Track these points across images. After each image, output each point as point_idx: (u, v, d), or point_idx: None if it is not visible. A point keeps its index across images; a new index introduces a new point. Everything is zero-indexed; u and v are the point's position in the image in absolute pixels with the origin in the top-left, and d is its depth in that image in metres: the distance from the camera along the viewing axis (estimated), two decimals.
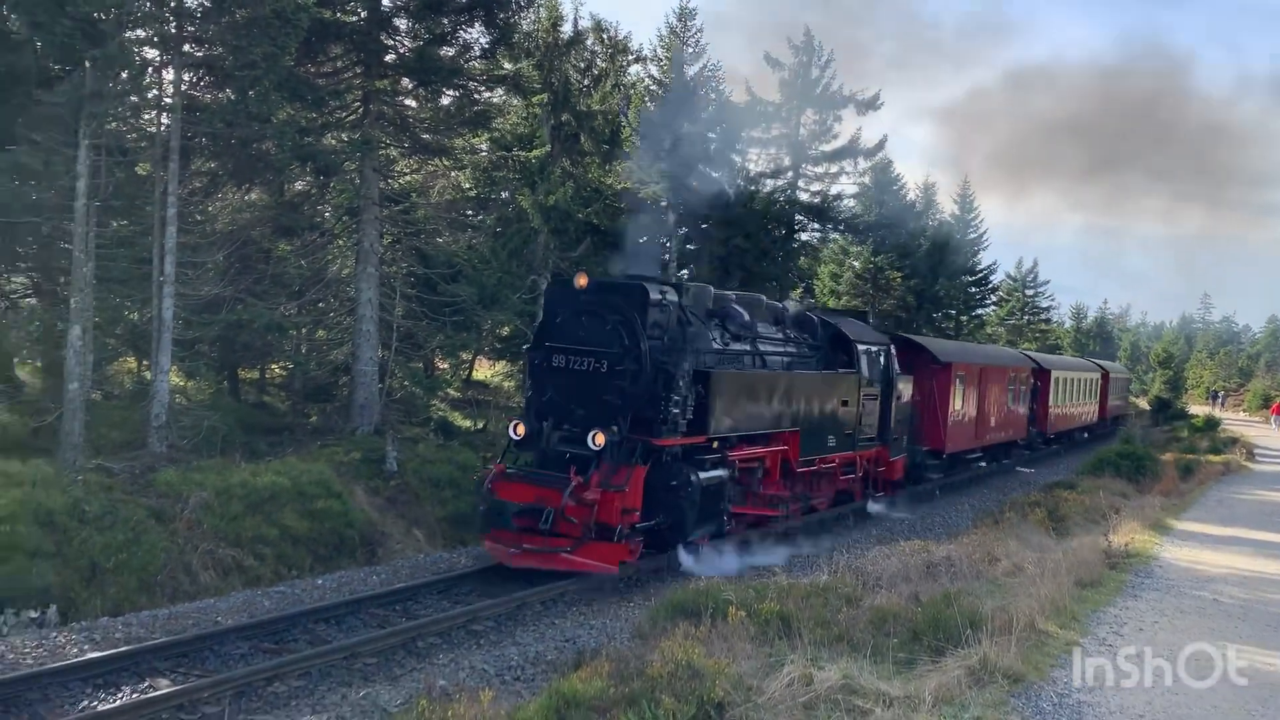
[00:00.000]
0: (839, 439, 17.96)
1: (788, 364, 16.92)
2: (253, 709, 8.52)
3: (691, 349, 13.86)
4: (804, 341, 18.02)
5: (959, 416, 24.47)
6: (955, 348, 27.58)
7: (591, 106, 28.35)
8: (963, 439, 25.28)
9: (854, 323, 20.24)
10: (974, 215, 54.83)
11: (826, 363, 18.21)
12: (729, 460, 14.47)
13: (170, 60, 17.26)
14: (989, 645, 8.67)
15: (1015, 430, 30.33)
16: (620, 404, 13.16)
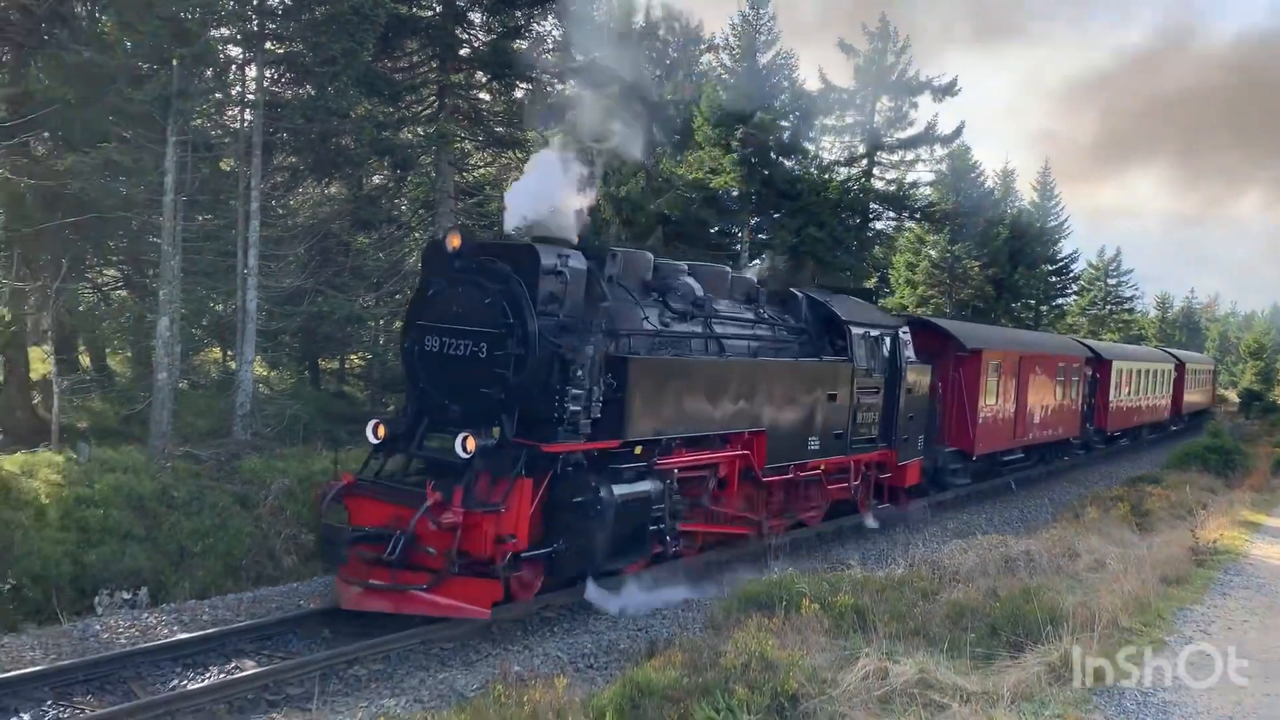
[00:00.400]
0: (825, 441, 14.96)
1: (755, 350, 13.89)
2: (334, 691, 8.72)
3: (604, 329, 11.01)
4: (783, 324, 15.00)
5: (993, 412, 21.35)
6: (987, 333, 24.38)
7: (664, 97, 28.31)
8: (997, 438, 21.99)
9: (851, 302, 17.49)
10: (1055, 202, 53.54)
11: (813, 349, 15.16)
12: (660, 469, 11.67)
13: (253, 57, 17.69)
14: (1071, 641, 8.49)
15: (1067, 427, 26.72)
16: (502, 399, 10.51)
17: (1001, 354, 21.95)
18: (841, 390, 15.30)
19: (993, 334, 24.77)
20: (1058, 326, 51.04)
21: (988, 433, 21.14)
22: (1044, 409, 24.57)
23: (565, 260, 11.07)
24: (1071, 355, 27.16)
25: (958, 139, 38.05)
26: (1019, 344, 24.51)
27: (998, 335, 24.99)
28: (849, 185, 34.76)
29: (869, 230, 36.06)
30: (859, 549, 15.84)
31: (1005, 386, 21.96)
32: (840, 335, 15.63)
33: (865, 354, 15.94)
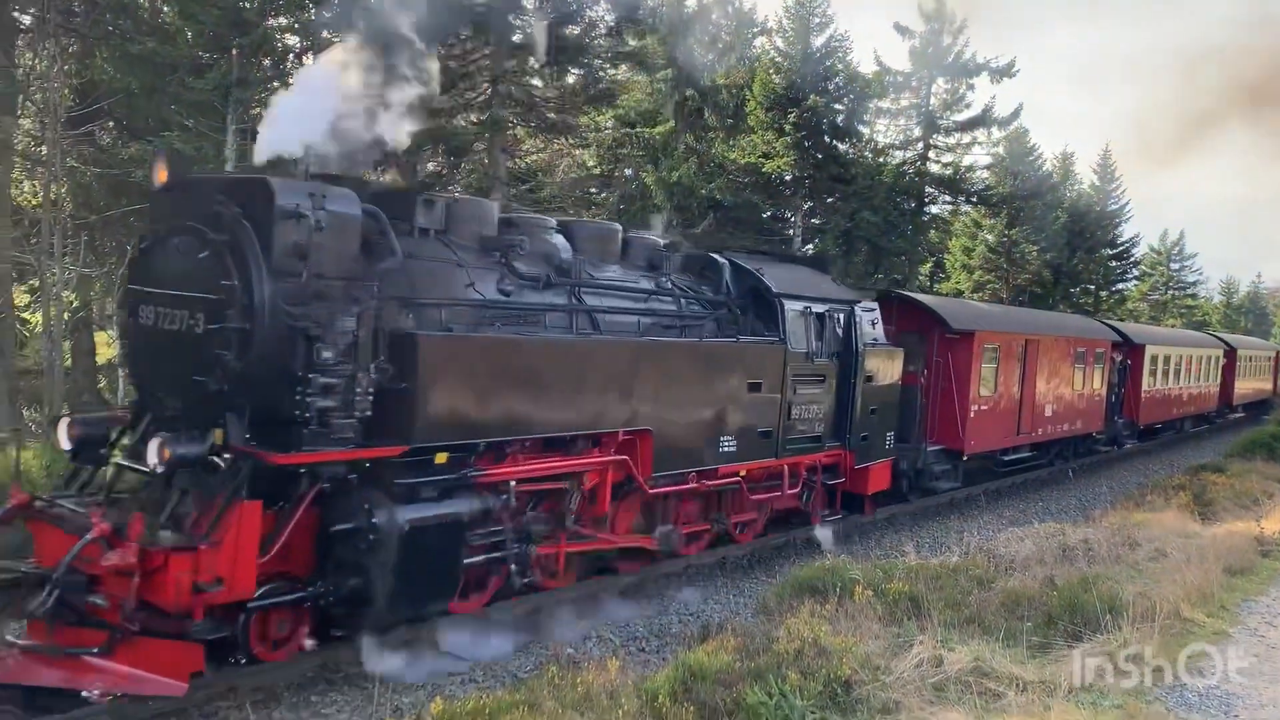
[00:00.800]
0: (746, 441, 12.01)
1: (649, 328, 11.05)
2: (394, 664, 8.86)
3: (385, 297, 8.25)
4: (695, 296, 12.14)
5: (989, 404, 18.55)
6: (983, 311, 21.68)
7: (716, 81, 28.16)
8: (995, 433, 19.07)
9: (790, 270, 14.05)
10: (1115, 186, 52.46)
11: (735, 328, 12.39)
12: (486, 482, 9.01)
13: (309, 45, 17.91)
14: (1130, 632, 8.37)
15: (1088, 420, 23.55)
16: (224, 390, 7.63)
17: (1000, 336, 19.05)
18: (769, 379, 12.29)
19: (989, 313, 21.88)
20: (1118, 312, 50.08)
21: (982, 428, 18.33)
22: (1058, 400, 21.63)
23: (319, 201, 7.81)
24: (1094, 338, 24.18)
25: (1015, 121, 37.41)
26: (1023, 324, 21.40)
27: (996, 314, 22.07)
28: (904, 169, 34.42)
29: (924, 214, 35.64)
30: (913, 536, 15.71)
31: (1006, 374, 19.11)
32: (771, 311, 12.62)
33: (805, 334, 13.04)
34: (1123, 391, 26.29)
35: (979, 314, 20.25)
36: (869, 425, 14.47)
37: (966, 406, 17.64)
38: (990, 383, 18.61)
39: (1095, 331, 25.15)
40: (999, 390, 18.87)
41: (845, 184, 30.00)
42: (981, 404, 18.22)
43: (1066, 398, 22.12)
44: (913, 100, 35.90)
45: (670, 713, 6.75)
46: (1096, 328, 25.93)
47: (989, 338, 18.53)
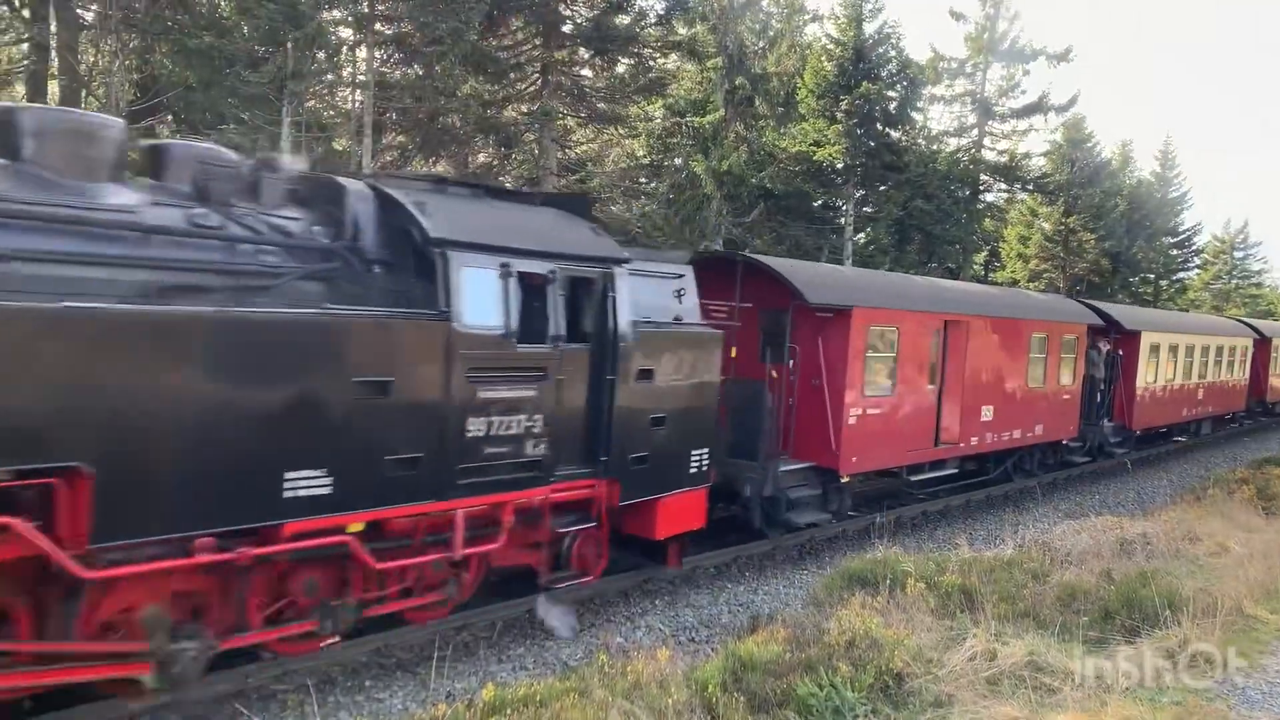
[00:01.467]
0: (358, 476, 7.49)
1: (142, 288, 6.63)
2: (443, 657, 8.96)
3: None
4: (285, 239, 7.81)
5: (881, 406, 13.83)
6: (868, 282, 15.72)
7: (767, 69, 28.00)
8: (892, 446, 14.32)
9: (494, 209, 9.30)
10: (1176, 173, 51.32)
11: (360, 290, 7.90)
12: None
13: (363, 39, 18.10)
14: (1190, 628, 8.21)
15: (1054, 425, 18.76)
16: None
17: (898, 315, 14.13)
18: (412, 374, 7.83)
19: (880, 283, 16.02)
20: (1177, 302, 49.02)
21: (870, 438, 13.61)
22: (1005, 400, 16.89)
23: None
24: (1061, 321, 19.14)
25: (1072, 108, 36.81)
26: (940, 301, 15.96)
27: (890, 285, 15.96)
28: (958, 156, 33.98)
29: (979, 202, 35.17)
30: (966, 529, 15.53)
31: (911, 366, 14.53)
32: (429, 266, 8.07)
33: (500, 306, 8.37)
34: (1112, 389, 21.58)
35: (860, 284, 14.81)
36: (648, 441, 9.89)
37: (843, 410, 12.97)
38: (883, 377, 13.96)
39: (1064, 312, 20.05)
40: (899, 388, 14.12)
41: (898, 172, 29.66)
42: (868, 407, 13.44)
43: (1019, 397, 17.25)
44: (967, 86, 35.44)
45: (720, 702, 6.75)
46: (1067, 307, 20.96)
47: (877, 317, 13.68)
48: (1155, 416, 23.59)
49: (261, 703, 7.64)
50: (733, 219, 26.93)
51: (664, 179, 28.47)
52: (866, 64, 28.84)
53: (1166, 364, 23.75)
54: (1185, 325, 26.95)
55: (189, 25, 17.38)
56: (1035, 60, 34.83)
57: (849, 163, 29.11)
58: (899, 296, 14.88)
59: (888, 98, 29.47)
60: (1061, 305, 21.11)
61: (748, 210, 27.18)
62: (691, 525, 10.88)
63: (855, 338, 13.08)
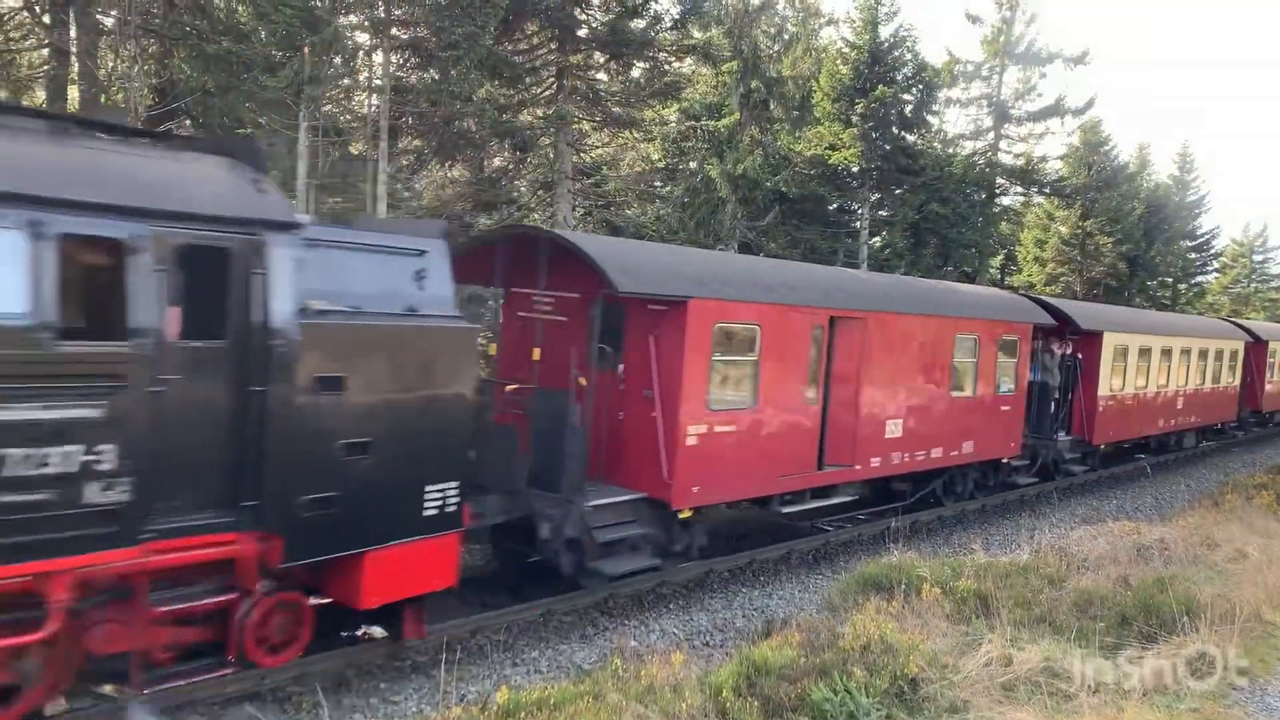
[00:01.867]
0: None
1: None
2: (456, 659, 8.98)
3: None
4: None
5: (737, 422, 11.29)
6: (712, 268, 11.93)
7: (782, 72, 27.98)
8: (755, 471, 11.69)
9: (31, 142, 6.13)
10: (1195, 176, 51.02)
11: None
12: None
13: (379, 43, 18.16)
14: (1208, 634, 8.15)
15: (989, 441, 16.17)
16: None
17: (759, 310, 11.44)
18: None
19: (735, 268, 12.45)
20: (1196, 306, 48.69)
21: (718, 465, 10.95)
22: (921, 413, 14.36)
23: None
24: (998, 319, 16.28)
25: (1089, 111, 36.67)
26: (824, 292, 12.97)
27: (754, 270, 12.66)
28: (974, 159, 33.86)
29: (995, 206, 35.03)
30: (983, 534, 15.47)
31: (780, 373, 11.80)
32: None
33: (27, 282, 5.70)
34: (1069, 399, 19.03)
35: (704, 269, 11.50)
36: (337, 476, 7.29)
37: (678, 428, 10.40)
38: (738, 387, 11.44)
39: (1002, 308, 17.04)
40: (763, 400, 11.53)
41: (914, 175, 29.57)
42: (716, 423, 10.87)
43: (940, 409, 14.83)
44: (983, 90, 35.35)
45: (734, 707, 6.74)
46: (1008, 303, 17.87)
47: (728, 311, 11.01)
48: (1122, 429, 20.82)
49: (276, 704, 7.68)
50: (747, 222, 26.90)
51: (679, 182, 28.44)
52: (882, 67, 28.77)
53: (1137, 368, 20.98)
54: (1160, 325, 23.87)
55: (207, 30, 17.47)
56: (1052, 63, 34.72)
57: (864, 166, 29.04)
58: (758, 285, 11.76)
59: (903, 101, 29.39)
60: (1001, 301, 17.93)
61: (763, 214, 27.14)
62: (431, 585, 8.21)
63: (694, 337, 10.42)
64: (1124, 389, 20.50)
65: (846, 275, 16.05)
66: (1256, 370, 28.75)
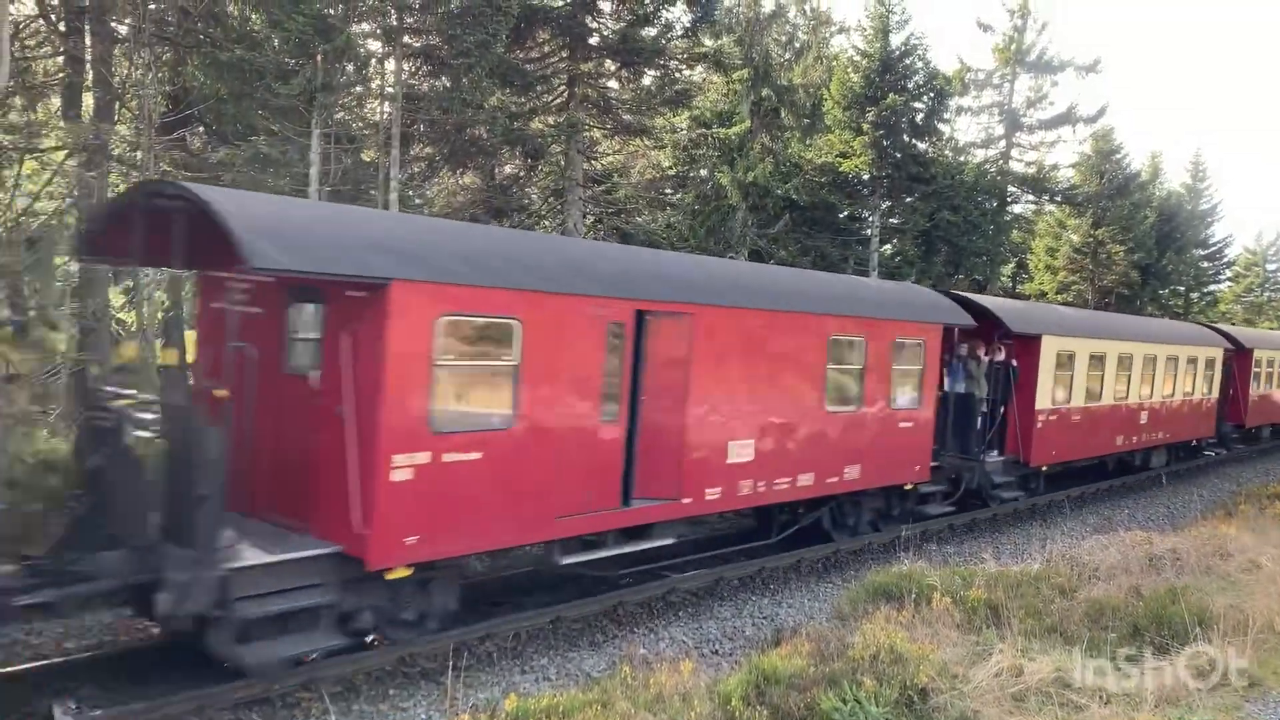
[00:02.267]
0: None
1: None
2: (466, 666, 8.98)
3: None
4: None
5: (488, 451, 8.63)
6: (454, 238, 9.30)
7: (793, 80, 28.00)
8: (515, 515, 8.98)
9: None
10: (1207, 185, 50.86)
11: None
12: None
13: (391, 51, 18.23)
14: (1221, 645, 8.10)
15: (889, 465, 13.70)
16: None
17: (516, 299, 8.86)
18: None
19: (479, 243, 9.45)
20: (1210, 314, 48.48)
21: (452, 506, 8.34)
22: (774, 432, 11.64)
23: None
24: (889, 319, 13.53)
25: (1101, 119, 36.64)
26: (627, 279, 10.24)
27: (514, 246, 10.01)
28: (985, 167, 33.84)
29: (1006, 214, 34.98)
30: (993, 543, 15.40)
31: (553, 382, 9.19)
32: None
33: None
34: (1002, 411, 16.42)
35: (419, 241, 8.61)
36: None
37: (377, 459, 7.75)
38: (483, 401, 8.91)
39: (901, 305, 14.24)
40: (524, 419, 8.87)
41: (925, 183, 29.55)
42: (444, 451, 8.19)
43: (809, 427, 12.10)
44: (995, 98, 35.34)
45: (743, 716, 6.73)
46: (910, 298, 15.00)
47: (461, 299, 8.36)
48: (1067, 447, 18.03)
49: (286, 710, 7.69)
50: (758, 230, 26.91)
51: (689, 190, 28.48)
52: (893, 75, 28.77)
53: (1087, 378, 18.34)
54: (1118, 329, 20.71)
55: (220, 38, 17.57)
56: (1064, 71, 34.75)
57: (875, 174, 29.03)
58: (516, 265, 9.01)
59: (914, 109, 29.37)
60: (901, 296, 14.80)
61: (773, 221, 27.15)
62: None
63: (403, 333, 7.80)
64: (1070, 401, 17.77)
65: (666, 258, 12.39)
66: (1240, 382, 25.99)
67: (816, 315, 12.19)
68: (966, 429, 15.50)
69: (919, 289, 16.88)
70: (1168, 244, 42.79)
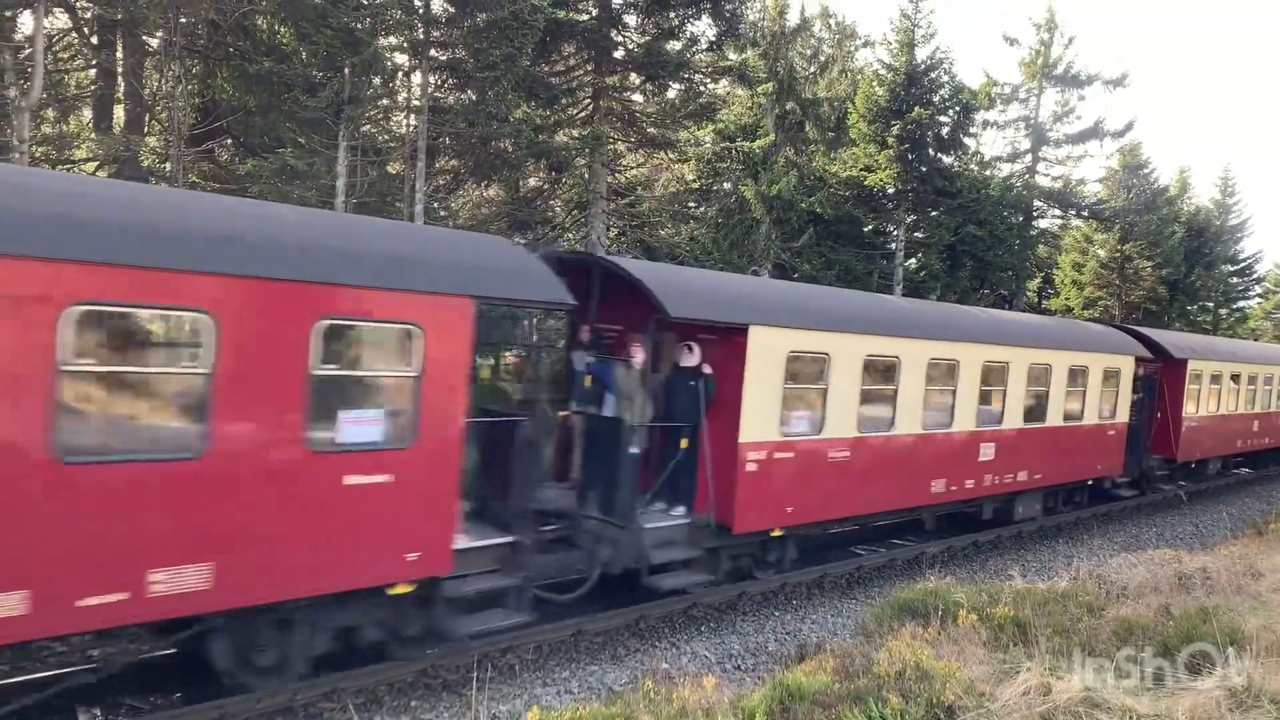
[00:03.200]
0: None
1: None
2: (488, 679, 8.96)
3: None
4: None
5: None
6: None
7: (817, 94, 27.99)
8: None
9: None
10: (1237, 200, 50.41)
11: None
12: None
13: (418, 64, 18.36)
14: (1254, 666, 7.95)
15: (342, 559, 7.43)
16: None
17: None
18: None
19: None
20: (1238, 331, 47.96)
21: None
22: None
23: None
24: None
25: (1129, 133, 36.41)
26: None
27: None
28: (1011, 182, 33.67)
29: (1032, 228, 34.78)
30: (1019, 560, 15.24)
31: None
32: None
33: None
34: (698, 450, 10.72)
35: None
36: None
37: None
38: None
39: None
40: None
41: (950, 197, 29.44)
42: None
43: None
44: (1021, 112, 35.20)
45: None
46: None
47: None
48: (816, 500, 11.52)
49: None
50: (782, 243, 26.86)
51: (713, 203, 28.50)
52: (918, 89, 28.72)
53: (860, 392, 11.96)
54: (920, 319, 13.79)
55: (249, 51, 17.78)
56: (1091, 85, 34.57)
57: (900, 188, 28.95)
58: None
59: (940, 123, 29.31)
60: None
61: (797, 235, 27.10)
62: None
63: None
64: (821, 429, 11.49)
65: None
66: (1170, 401, 20.30)
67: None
68: (611, 477, 10.17)
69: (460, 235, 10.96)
70: (1196, 259, 42.41)
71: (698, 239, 26.61)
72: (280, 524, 6.93)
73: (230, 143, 20.25)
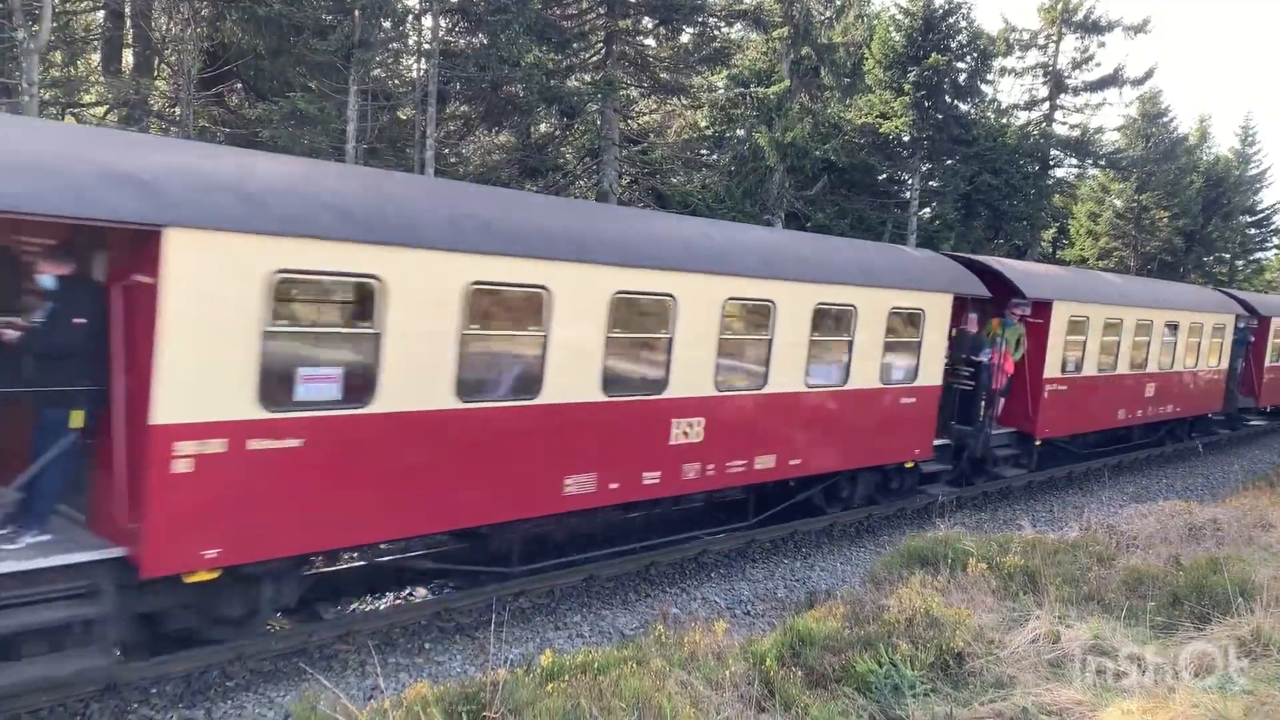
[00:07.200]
0: None
1: None
2: (501, 622, 9.05)
3: None
4: None
5: None
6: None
7: (833, 39, 27.55)
8: None
9: None
10: (1257, 149, 49.78)
11: None
12: None
13: (428, 7, 18.12)
14: (1263, 616, 7.98)
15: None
16: None
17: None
18: None
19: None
20: (1254, 283, 47.58)
21: None
22: None
23: None
24: None
25: (1149, 81, 35.80)
26: None
27: None
28: (1028, 130, 33.23)
29: (1048, 178, 34.38)
30: (1029, 510, 15.28)
31: None
32: None
33: None
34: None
35: None
36: None
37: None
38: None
39: None
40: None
41: (966, 145, 29.09)
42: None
43: None
44: (1039, 59, 34.61)
45: (778, 676, 6.72)
46: None
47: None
48: None
49: (324, 661, 7.79)
50: (795, 191, 26.63)
51: (726, 151, 28.21)
52: (936, 35, 28.26)
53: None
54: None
55: None
56: (1111, 31, 33.91)
57: (915, 135, 28.61)
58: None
59: (957, 69, 28.88)
60: None
61: (811, 183, 26.86)
62: None
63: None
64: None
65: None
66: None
67: None
68: None
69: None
70: (1214, 210, 41.95)
71: (710, 187, 26.41)
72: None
73: (240, 87, 20.08)
